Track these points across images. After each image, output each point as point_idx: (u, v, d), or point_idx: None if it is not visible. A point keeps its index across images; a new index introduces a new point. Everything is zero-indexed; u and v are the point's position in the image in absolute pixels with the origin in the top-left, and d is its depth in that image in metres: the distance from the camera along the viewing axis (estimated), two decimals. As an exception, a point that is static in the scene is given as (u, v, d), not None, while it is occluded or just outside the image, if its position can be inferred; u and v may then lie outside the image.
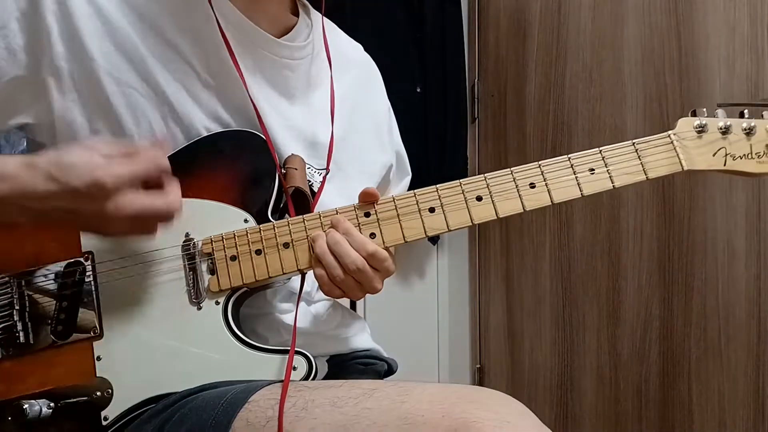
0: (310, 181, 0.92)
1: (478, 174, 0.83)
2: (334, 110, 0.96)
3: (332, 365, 0.97)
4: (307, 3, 1.01)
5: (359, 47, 1.11)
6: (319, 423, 0.71)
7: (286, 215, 0.86)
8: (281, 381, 0.79)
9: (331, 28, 1.05)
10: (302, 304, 0.92)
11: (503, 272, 2.26)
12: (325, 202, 0.90)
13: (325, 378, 0.93)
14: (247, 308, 0.87)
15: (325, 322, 0.96)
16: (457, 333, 2.27)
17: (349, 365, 0.99)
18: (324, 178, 0.93)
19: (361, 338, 1.03)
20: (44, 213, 0.75)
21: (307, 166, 0.92)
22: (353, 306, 2.00)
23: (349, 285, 0.82)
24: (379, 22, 2.02)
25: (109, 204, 0.73)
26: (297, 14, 0.99)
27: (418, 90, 2.07)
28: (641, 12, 2.04)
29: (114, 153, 0.75)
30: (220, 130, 0.88)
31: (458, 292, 2.28)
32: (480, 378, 2.27)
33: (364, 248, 0.81)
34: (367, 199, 0.84)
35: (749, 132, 0.86)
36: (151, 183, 0.76)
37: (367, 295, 0.84)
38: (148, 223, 0.77)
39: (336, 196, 0.93)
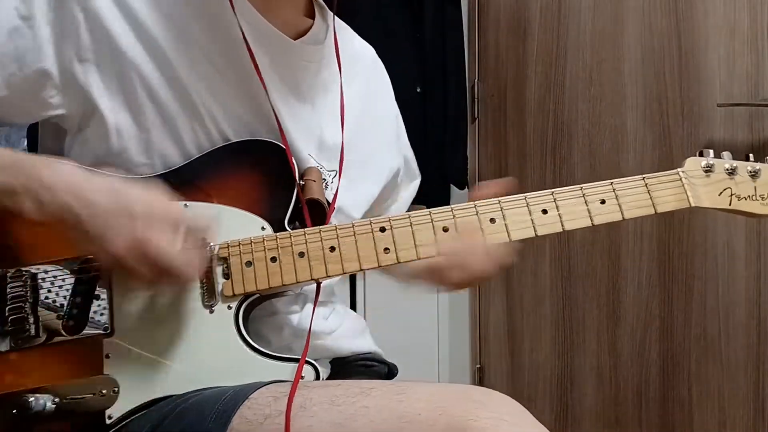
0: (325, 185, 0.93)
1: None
2: (344, 114, 0.97)
3: (334, 365, 0.97)
4: (323, 4, 1.01)
5: (369, 49, 1.11)
6: (317, 420, 0.72)
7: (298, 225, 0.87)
8: (281, 381, 0.79)
9: (343, 28, 1.05)
10: (308, 306, 0.92)
11: (503, 272, 2.25)
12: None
13: (327, 379, 0.93)
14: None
15: (327, 324, 0.96)
16: (457, 333, 2.27)
17: (350, 367, 1.00)
18: (338, 186, 0.94)
19: (363, 341, 1.03)
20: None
21: (318, 166, 0.93)
22: (353, 306, 2.00)
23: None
24: (379, 22, 2.02)
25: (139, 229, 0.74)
26: (312, 16, 0.99)
27: (418, 90, 2.07)
28: (641, 12, 2.04)
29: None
30: (241, 132, 0.89)
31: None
32: (480, 378, 2.27)
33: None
34: None
35: (754, 174, 0.91)
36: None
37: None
38: (159, 272, 0.75)
39: (343, 198, 0.94)
